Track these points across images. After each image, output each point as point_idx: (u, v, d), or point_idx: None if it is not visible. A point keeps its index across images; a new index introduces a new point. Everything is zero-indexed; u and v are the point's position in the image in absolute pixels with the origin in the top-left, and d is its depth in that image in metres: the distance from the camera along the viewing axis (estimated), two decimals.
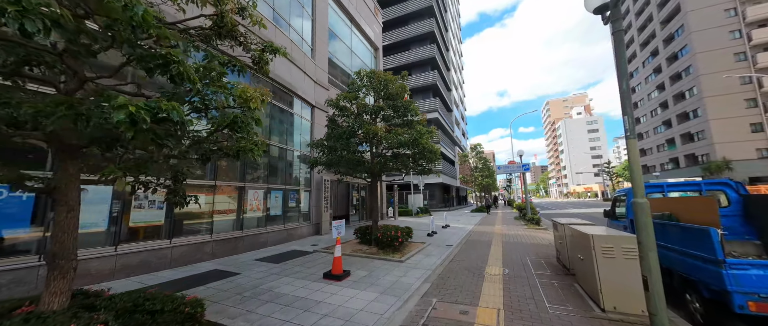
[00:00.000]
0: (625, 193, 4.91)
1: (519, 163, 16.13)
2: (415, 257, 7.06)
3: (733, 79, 32.89)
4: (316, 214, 10.80)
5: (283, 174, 9.38)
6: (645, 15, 45.28)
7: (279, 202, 8.95)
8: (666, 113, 41.51)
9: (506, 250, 7.77)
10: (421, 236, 10.62)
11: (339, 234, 5.45)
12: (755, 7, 32.16)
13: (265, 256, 6.91)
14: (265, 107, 3.13)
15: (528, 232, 11.31)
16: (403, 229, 7.85)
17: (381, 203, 18.67)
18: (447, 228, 13.00)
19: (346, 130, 7.04)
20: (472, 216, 21.06)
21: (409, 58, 33.21)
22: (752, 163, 31.29)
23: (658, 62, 42.48)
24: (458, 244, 8.81)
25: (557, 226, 5.94)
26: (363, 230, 8.57)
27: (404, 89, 7.82)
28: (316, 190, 10.99)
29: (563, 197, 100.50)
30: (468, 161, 31.00)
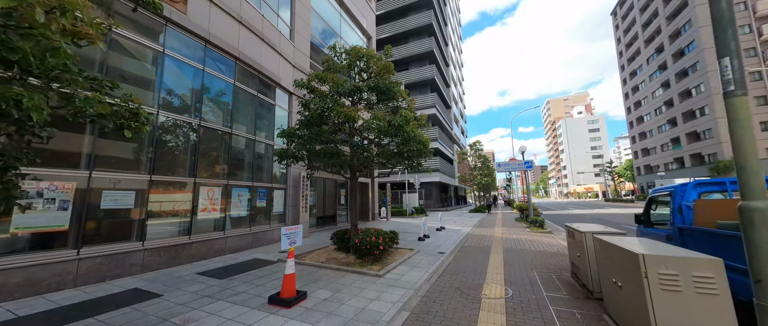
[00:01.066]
0: (670, 191, 3.69)
1: (520, 160, 14.89)
2: (398, 269, 5.80)
3: None
4: (293, 215, 9.54)
5: (250, 169, 8.11)
6: (650, 10, 44.03)
7: (244, 202, 7.69)
8: (671, 111, 40.32)
9: (508, 260, 6.52)
10: (412, 240, 9.38)
11: (291, 245, 4.19)
12: (766, 2, 30.91)
13: (213, 268, 5.65)
14: (100, 39, 1.86)
15: (531, 237, 10.07)
16: (387, 235, 6.60)
17: (373, 203, 17.44)
18: (442, 231, 11.76)
19: (313, 114, 5.78)
20: (471, 216, 19.83)
21: (407, 51, 31.93)
22: (762, 163, 30.00)
23: (664, 59, 41.26)
24: (452, 252, 7.56)
25: (573, 234, 4.68)
26: (341, 235, 7.33)
27: (389, 69, 6.55)
28: (294, 188, 9.72)
29: (563, 197, 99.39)
30: (467, 159, 29.76)
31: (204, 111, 6.80)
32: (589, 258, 4.14)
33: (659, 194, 4.19)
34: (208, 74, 6.86)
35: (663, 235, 3.88)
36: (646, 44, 46.15)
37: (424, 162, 7.23)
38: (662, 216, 4.23)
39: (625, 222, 14.91)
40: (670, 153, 41.30)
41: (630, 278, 2.68)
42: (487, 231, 11.67)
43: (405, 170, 7.43)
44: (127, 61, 5.53)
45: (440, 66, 34.09)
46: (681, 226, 3.53)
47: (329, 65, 6.31)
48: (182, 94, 6.42)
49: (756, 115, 31.02)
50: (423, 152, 7.05)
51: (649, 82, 45.66)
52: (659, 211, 4.34)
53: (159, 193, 5.69)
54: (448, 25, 43.51)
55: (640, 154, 50.24)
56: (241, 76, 7.95)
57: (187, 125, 6.36)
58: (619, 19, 54.93)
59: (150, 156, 5.57)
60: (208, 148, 6.91)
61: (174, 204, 6.03)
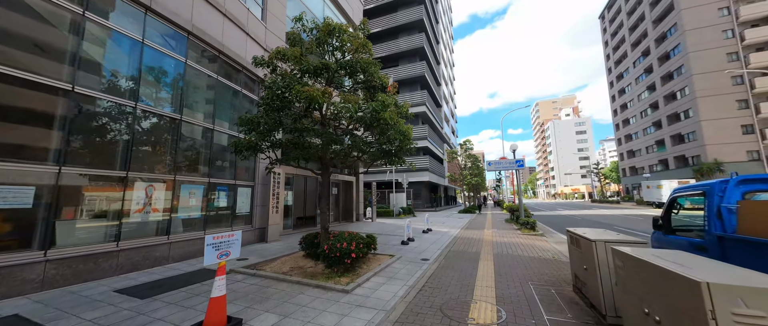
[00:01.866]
0: (703, 190, 2.88)
1: (511, 159, 14.23)
2: (372, 282, 4.89)
3: (725, 79, 32.29)
4: (261, 216, 8.49)
5: (207, 164, 7.02)
6: (637, 14, 44.66)
7: (197, 201, 6.61)
8: (656, 114, 40.94)
9: (500, 270, 5.71)
10: (394, 244, 8.49)
11: (223, 258, 3.22)
12: (748, 6, 31.59)
13: (141, 283, 4.60)
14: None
15: (523, 240, 9.34)
16: (362, 240, 5.68)
17: (357, 203, 16.49)
18: (428, 234, 10.92)
19: (269, 95, 4.78)
20: (460, 217, 19.13)
21: (397, 47, 31.07)
22: (743, 165, 30.68)
23: (650, 62, 41.88)
24: (437, 259, 6.70)
25: (578, 242, 3.88)
26: (311, 239, 6.36)
27: (367, 47, 5.61)
28: (262, 185, 8.67)
29: (551, 198, 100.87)
30: (457, 158, 29.15)
31: (144, 92, 5.70)
32: (600, 274, 3.33)
33: (685, 193, 3.38)
34: (150, 49, 5.76)
35: (691, 245, 3.10)
36: (632, 47, 46.83)
37: (407, 158, 6.32)
38: (690, 220, 3.46)
39: (618, 224, 14.46)
40: (655, 155, 41.96)
41: (679, 314, 1.85)
42: (476, 234, 10.90)
43: (386, 166, 6.50)
44: (37, 27, 4.40)
45: (431, 63, 33.41)
46: (721, 235, 2.75)
47: (294, 40, 5.32)
48: (113, 69, 5.31)
49: (737, 118, 31.67)
50: (405, 146, 6.15)
51: (636, 85, 46.35)
52: (685, 214, 3.56)
53: (76, 190, 4.58)
54: (440, 23, 42.93)
55: (626, 155, 51.04)
56: (196, 56, 6.86)
57: (117, 107, 5.25)
58: (606, 22, 55.72)
59: (62, 143, 4.46)
60: (148, 136, 5.81)
61: (99, 204, 4.93)
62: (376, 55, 32.57)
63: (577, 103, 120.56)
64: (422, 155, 29.86)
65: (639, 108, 45.68)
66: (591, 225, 13.98)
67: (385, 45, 31.70)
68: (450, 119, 50.75)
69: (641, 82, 44.53)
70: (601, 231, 3.94)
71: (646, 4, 41.60)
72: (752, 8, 31.45)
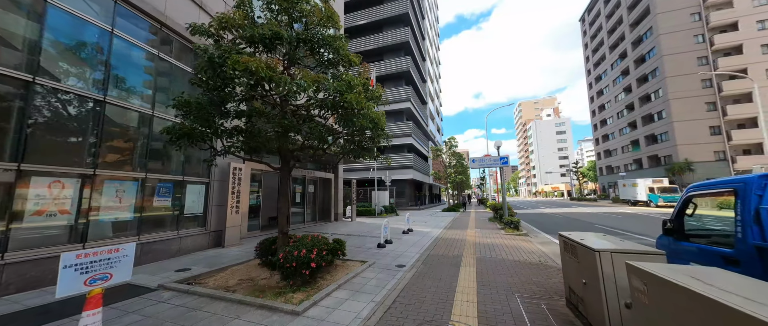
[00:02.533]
0: (734, 187, 2.25)
1: (495, 156, 13.78)
2: (333, 298, 4.07)
3: (695, 82, 33.70)
4: (218, 217, 7.44)
5: (144, 155, 5.93)
6: (615, 18, 46.00)
7: (129, 200, 5.52)
8: (632, 115, 42.38)
9: (483, 278, 5.04)
10: (369, 248, 7.70)
11: (95, 284, 2.29)
12: (718, 13, 33.03)
13: (29, 307, 3.56)
14: None
15: (507, 241, 8.81)
16: (325, 246, 4.84)
17: (336, 201, 15.56)
18: (408, 235, 10.21)
19: (202, 67, 3.83)
20: (443, 216, 18.62)
21: (382, 41, 30.20)
22: (710, 165, 32.20)
23: (626, 64, 43.25)
24: (414, 264, 5.97)
25: (575, 250, 3.22)
26: (268, 245, 5.44)
27: (332, 18, 4.73)
28: (220, 182, 7.61)
29: (532, 196, 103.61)
30: (441, 156, 28.74)
31: (49, 65, 4.56)
32: (605, 291, 2.67)
33: (706, 191, 2.77)
34: (60, 11, 4.62)
35: (715, 256, 2.49)
36: (610, 50, 48.27)
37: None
38: (712, 225, 2.88)
39: (600, 223, 14.35)
40: (630, 154, 43.50)
41: None
42: (458, 234, 10.30)
43: (355, 160, 5.63)
44: None
45: (416, 59, 32.78)
46: (761, 245, 2.13)
47: (241, 2, 4.36)
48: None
49: (706, 119, 33.15)
50: (378, 137, 5.34)
51: (613, 87, 47.84)
52: (703, 217, 2.98)
53: None
54: (426, 19, 42.40)
55: (603, 155, 52.77)
56: (131, 27, 5.73)
57: (8, 81, 4.12)
58: (586, 25, 57.24)
59: None
60: (56, 120, 4.68)
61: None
62: (360, 49, 31.46)
63: (557, 104, 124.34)
64: (406, 152, 29.25)
65: (616, 109, 47.20)
66: (574, 225, 13.76)
67: (369, 38, 30.75)
68: (435, 117, 50.53)
69: (618, 84, 45.98)
70: (601, 237, 3.31)
71: (624, 7, 42.86)
72: (721, 14, 32.91)
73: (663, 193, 25.98)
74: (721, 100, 32.62)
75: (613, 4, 46.46)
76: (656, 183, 27.64)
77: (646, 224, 13.41)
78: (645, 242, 8.56)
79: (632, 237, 9.57)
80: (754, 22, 31.94)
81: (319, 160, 13.37)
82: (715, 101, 32.76)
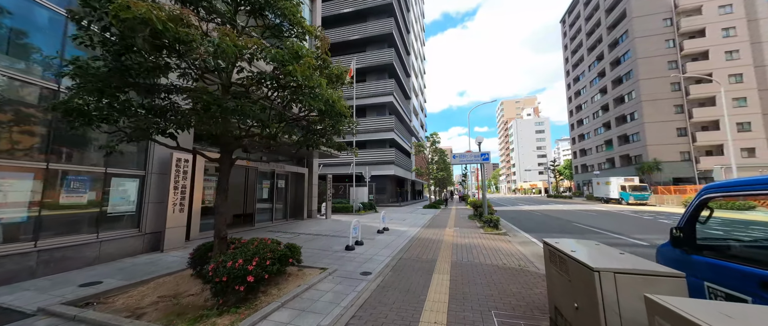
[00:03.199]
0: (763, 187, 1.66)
1: (477, 152, 13.33)
2: (271, 320, 3.25)
3: (665, 85, 35.18)
4: (156, 217, 6.35)
5: (46, 140, 4.77)
6: (594, 20, 47.24)
7: (19, 197, 4.39)
8: (607, 116, 43.88)
9: (457, 287, 4.40)
10: (336, 251, 6.90)
11: None
12: (688, 19, 34.50)
13: None
14: None
15: (486, 241, 8.30)
16: (269, 254, 4.00)
17: (309, 198, 14.60)
18: (383, 234, 9.51)
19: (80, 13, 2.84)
20: (423, 214, 18.11)
21: (365, 31, 29.10)
22: (677, 165, 33.87)
23: (603, 66, 44.62)
24: (382, 271, 5.25)
25: (566, 266, 2.57)
26: (204, 251, 4.52)
27: None
28: (160, 175, 6.51)
29: (511, 193, 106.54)
30: (423, 151, 28.27)
31: None
32: (607, 321, 2.03)
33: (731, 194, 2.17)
34: None
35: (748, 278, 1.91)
36: (588, 52, 49.67)
37: (333, 132, 4.68)
38: (738, 234, 2.32)
39: (578, 221, 14.31)
40: (604, 154, 45.16)
41: None
42: (436, 234, 9.72)
43: (309, 149, 4.75)
44: None
45: (400, 51, 31.96)
46: None
47: None
48: None
49: (674, 121, 34.75)
50: (337, 124, 4.51)
51: (590, 88, 49.36)
52: (727, 223, 2.43)
53: None
54: (411, 12, 41.56)
55: (579, 154, 54.62)
56: None
57: None
58: (567, 26, 58.62)
59: None
60: None
61: None
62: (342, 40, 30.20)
63: (537, 104, 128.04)
64: (388, 147, 28.54)
65: (592, 109, 48.77)
66: (553, 225, 13.60)
67: (352, 28, 29.56)
68: (419, 113, 50.11)
69: (595, 85, 47.45)
70: (594, 247, 2.70)
71: (603, 10, 44.03)
72: (690, 21, 34.42)
73: (634, 191, 26.93)
74: (687, 102, 34.26)
75: (592, 6, 47.66)
76: (628, 181, 28.62)
77: (622, 222, 13.48)
78: (623, 242, 8.33)
79: (610, 237, 9.38)
80: (719, 30, 33.64)
81: (276, 151, 12.27)
82: (683, 104, 34.38)
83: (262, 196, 12.05)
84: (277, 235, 9.12)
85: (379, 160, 27.32)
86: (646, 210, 20.57)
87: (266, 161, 11.95)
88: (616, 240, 8.84)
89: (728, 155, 30.58)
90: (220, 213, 4.26)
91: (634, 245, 7.99)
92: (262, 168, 11.63)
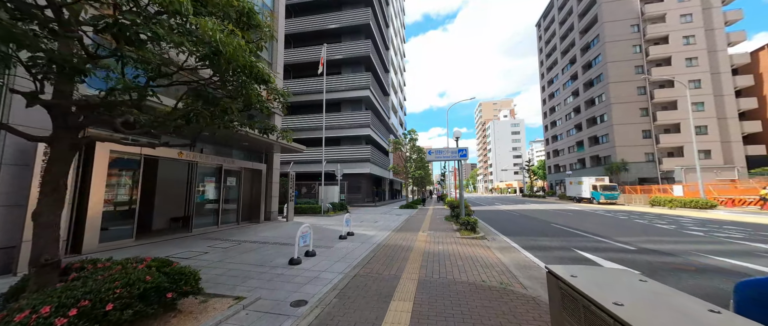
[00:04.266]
0: None
1: (454, 148, 12.29)
2: None
3: (632, 89, 36.62)
4: (9, 226, 4.52)
5: None
6: (567, 24, 48.62)
7: None
8: (578, 117, 45.27)
9: (421, 323, 3.12)
10: (275, 267, 5.41)
11: None
12: (653, 26, 36.10)
13: None
14: None
15: (462, 248, 7.17)
16: (125, 291, 2.48)
17: (268, 197, 12.88)
18: (345, 240, 8.13)
19: None
20: (398, 214, 16.91)
21: (341, 20, 27.45)
22: (642, 165, 35.36)
23: (575, 70, 45.99)
24: (323, 298, 3.87)
25: (593, 318, 1.33)
26: (15, 291, 2.87)
27: None
28: (16, 168, 4.68)
29: (488, 192, 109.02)
30: (401, 149, 27.13)
31: None
32: None
33: None
34: None
35: None
36: (562, 55, 51.15)
37: (233, 113, 3.25)
38: None
39: (557, 222, 13.70)
40: (575, 154, 46.63)
41: None
42: (407, 239, 8.48)
43: (219, 128, 3.24)
44: None
45: (377, 43, 30.61)
46: None
47: None
48: None
49: (639, 124, 36.26)
50: (252, 99, 3.07)
51: (563, 90, 50.85)
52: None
53: None
54: (390, 6, 40.35)
55: (552, 154, 56.27)
56: None
57: None
58: (542, 30, 60.22)
59: None
60: None
61: None
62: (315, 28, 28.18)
63: (513, 106, 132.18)
64: (364, 144, 27.13)
65: (565, 111, 50.26)
66: (532, 226, 12.84)
67: (327, 16, 27.79)
68: (398, 110, 49.11)
69: (568, 88, 48.90)
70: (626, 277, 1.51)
71: (576, 15, 45.35)
72: (656, 28, 36.06)
73: (604, 191, 27.49)
74: (652, 106, 35.88)
75: (566, 11, 49.04)
76: (599, 181, 29.25)
77: (600, 222, 13.03)
78: (608, 246, 7.51)
79: (592, 240, 8.61)
80: (680, 37, 35.50)
81: (227, 142, 10.46)
82: (648, 107, 35.96)
83: (207, 196, 10.22)
84: (214, 244, 7.45)
85: (353, 157, 25.84)
86: (619, 210, 20.76)
87: (212, 154, 10.12)
88: (600, 243, 8.07)
89: (688, 156, 32.27)
90: (42, 225, 2.67)
91: (621, 250, 7.21)
92: (205, 162, 9.81)
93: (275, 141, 9.09)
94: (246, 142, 10.31)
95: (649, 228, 10.88)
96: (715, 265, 5.79)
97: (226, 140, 9.87)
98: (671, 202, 21.21)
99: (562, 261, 6.34)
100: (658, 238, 8.75)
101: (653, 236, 9.17)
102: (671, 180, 31.31)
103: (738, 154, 33.25)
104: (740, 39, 35.57)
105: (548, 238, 8.98)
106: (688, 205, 19.76)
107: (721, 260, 6.15)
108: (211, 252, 6.42)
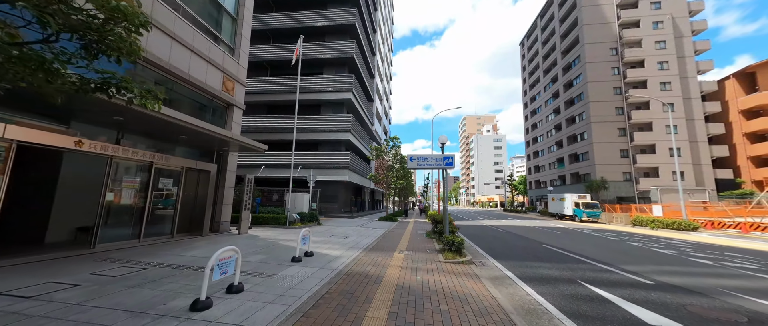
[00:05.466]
0: None
1: (439, 155, 10.84)
2: None
3: (611, 109, 37.51)
4: None
5: None
6: (550, 44, 50.08)
7: None
8: (559, 135, 46.00)
9: None
10: (162, 317, 3.47)
11: None
12: (630, 50, 37.49)
13: None
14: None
15: (446, 279, 5.56)
16: None
17: (219, 204, 10.78)
18: (296, 265, 6.28)
19: None
20: (374, 228, 15.14)
21: (325, 18, 26.06)
22: (620, 184, 35.82)
23: (557, 88, 47.06)
24: None
25: None
26: None
27: None
28: None
29: (470, 205, 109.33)
30: (383, 156, 25.56)
31: None
32: None
33: None
34: None
35: None
36: (544, 74, 52.46)
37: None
38: None
39: (548, 242, 12.44)
40: (556, 171, 47.11)
41: None
42: (378, 263, 6.75)
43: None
44: None
45: (362, 45, 29.40)
46: None
47: None
48: None
49: (617, 143, 37.00)
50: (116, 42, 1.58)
51: (545, 108, 51.88)
52: None
53: None
54: (378, 11, 39.65)
55: (533, 170, 56.87)
56: None
57: None
58: (525, 49, 61.97)
59: None
60: None
61: None
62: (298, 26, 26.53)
63: (496, 122, 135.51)
64: (343, 150, 25.36)
65: (546, 128, 51.12)
66: (522, 246, 11.46)
67: (310, 14, 26.31)
68: (383, 117, 47.90)
69: (550, 105, 49.89)
70: None
71: (558, 35, 46.76)
72: (632, 52, 37.47)
73: (587, 208, 27.13)
74: (629, 126, 36.80)
75: (548, 31, 50.61)
76: (581, 198, 28.95)
77: (593, 244, 11.91)
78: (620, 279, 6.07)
79: (597, 268, 7.27)
80: (655, 62, 37.02)
81: (162, 135, 8.40)
82: (626, 128, 36.84)
83: (126, 200, 8.05)
84: (107, 268, 5.38)
85: (331, 163, 23.97)
86: (604, 229, 20.10)
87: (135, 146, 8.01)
88: (607, 273, 6.73)
89: (664, 177, 32.92)
90: None
91: (637, 285, 5.85)
92: (127, 157, 7.70)
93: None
94: (185, 135, 8.31)
95: (648, 254, 9.80)
96: (763, 311, 4.51)
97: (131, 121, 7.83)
98: (653, 222, 20.85)
99: (573, 300, 4.85)
100: (669, 268, 7.56)
101: (660, 265, 8.01)
102: (647, 200, 31.67)
103: (708, 176, 34.43)
104: (709, 67, 37.62)
105: (546, 265, 7.57)
106: (670, 226, 19.40)
107: (761, 302, 4.91)
108: (84, 286, 4.40)
